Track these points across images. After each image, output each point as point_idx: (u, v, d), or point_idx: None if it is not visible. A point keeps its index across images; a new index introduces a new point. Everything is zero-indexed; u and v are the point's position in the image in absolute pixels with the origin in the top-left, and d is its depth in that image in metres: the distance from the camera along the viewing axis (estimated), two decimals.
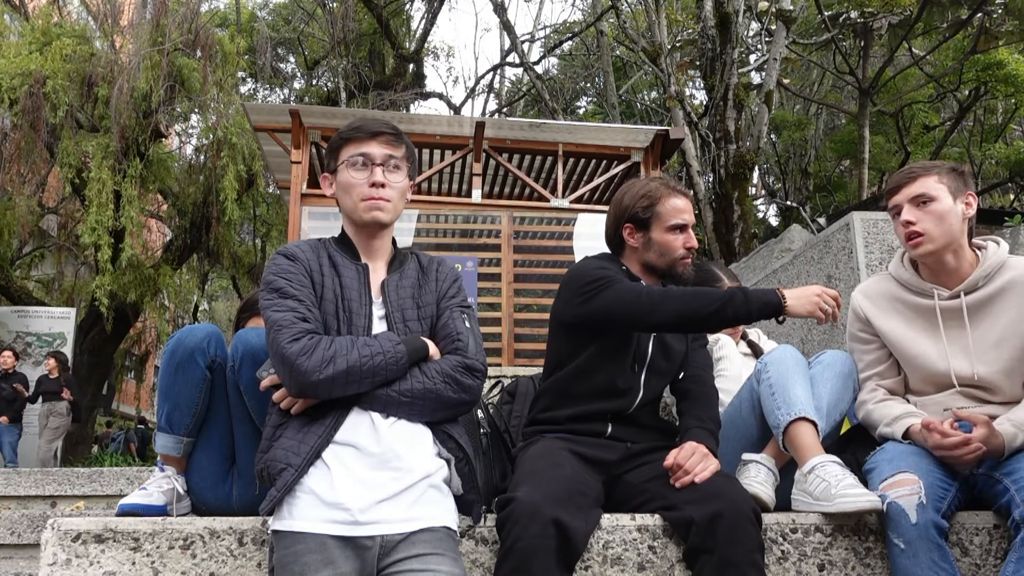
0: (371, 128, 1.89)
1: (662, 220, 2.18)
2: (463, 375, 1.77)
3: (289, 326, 1.67)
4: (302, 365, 1.63)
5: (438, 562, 1.58)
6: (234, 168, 9.47)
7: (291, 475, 1.61)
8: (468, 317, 1.88)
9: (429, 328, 1.85)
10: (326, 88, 15.80)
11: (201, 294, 17.63)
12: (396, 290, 1.86)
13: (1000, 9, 10.59)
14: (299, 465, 1.62)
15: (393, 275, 1.89)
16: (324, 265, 1.83)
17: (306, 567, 1.53)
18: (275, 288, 1.75)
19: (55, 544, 1.72)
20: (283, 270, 1.78)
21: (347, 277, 1.82)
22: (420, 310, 1.86)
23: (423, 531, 1.61)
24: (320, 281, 1.80)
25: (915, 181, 2.14)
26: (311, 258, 1.82)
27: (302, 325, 1.68)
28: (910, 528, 1.77)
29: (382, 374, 1.69)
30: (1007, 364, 2.06)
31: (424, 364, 1.76)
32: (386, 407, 1.70)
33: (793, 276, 4.35)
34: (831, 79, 14.93)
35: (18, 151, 8.99)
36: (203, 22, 10.42)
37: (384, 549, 1.59)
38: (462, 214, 7.07)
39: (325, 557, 1.54)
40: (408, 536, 1.60)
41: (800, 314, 1.98)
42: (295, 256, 1.81)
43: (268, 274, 1.78)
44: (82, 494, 4.53)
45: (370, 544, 1.58)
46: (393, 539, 1.59)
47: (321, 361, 1.64)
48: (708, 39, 9.25)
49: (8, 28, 10.89)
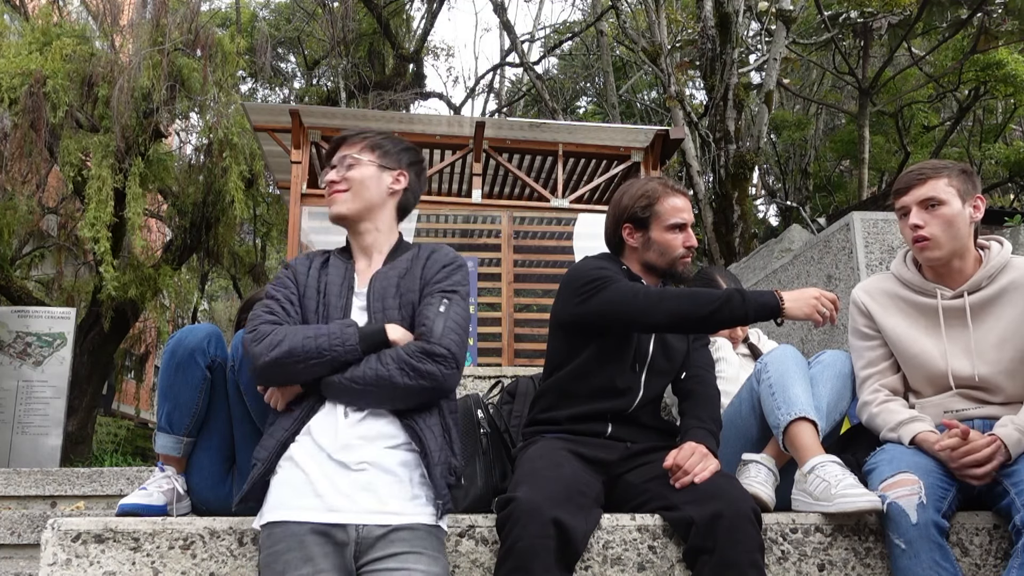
0: (339, 139, 2.00)
1: (661, 219, 2.18)
2: (420, 360, 1.70)
3: (253, 319, 1.79)
4: (251, 349, 1.72)
5: (416, 560, 1.58)
6: (236, 168, 9.46)
7: (258, 470, 1.66)
8: (450, 302, 1.81)
9: (410, 316, 1.82)
10: (326, 88, 15.79)
11: (201, 294, 17.63)
12: (381, 281, 1.87)
13: (1000, 9, 10.59)
14: (265, 459, 1.67)
15: (385, 267, 1.91)
16: (314, 267, 1.91)
17: (287, 565, 1.54)
18: (267, 295, 1.87)
19: (55, 544, 1.72)
20: (277, 279, 1.90)
21: (333, 275, 1.88)
22: (401, 298, 1.83)
23: (401, 529, 1.61)
24: (304, 281, 1.87)
25: (925, 183, 2.11)
26: (302, 262, 1.93)
27: (265, 317, 1.78)
28: (911, 528, 1.77)
29: (327, 355, 1.69)
30: (1009, 364, 2.05)
31: (383, 351, 1.73)
32: (340, 395, 1.71)
33: (793, 276, 4.35)
34: (831, 79, 14.92)
35: (18, 151, 8.97)
36: (203, 22, 10.41)
37: (360, 545, 1.59)
38: (462, 214, 7.07)
39: (304, 554, 1.55)
40: (386, 534, 1.59)
41: (797, 317, 1.99)
42: (288, 264, 1.93)
43: (268, 285, 1.92)
44: (82, 494, 4.52)
45: (345, 539, 1.58)
46: (370, 534, 1.59)
47: (269, 345, 1.70)
48: (708, 39, 9.24)
49: (8, 28, 10.88)
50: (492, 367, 5.96)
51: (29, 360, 8.82)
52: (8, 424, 8.48)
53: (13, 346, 8.79)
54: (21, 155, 9.06)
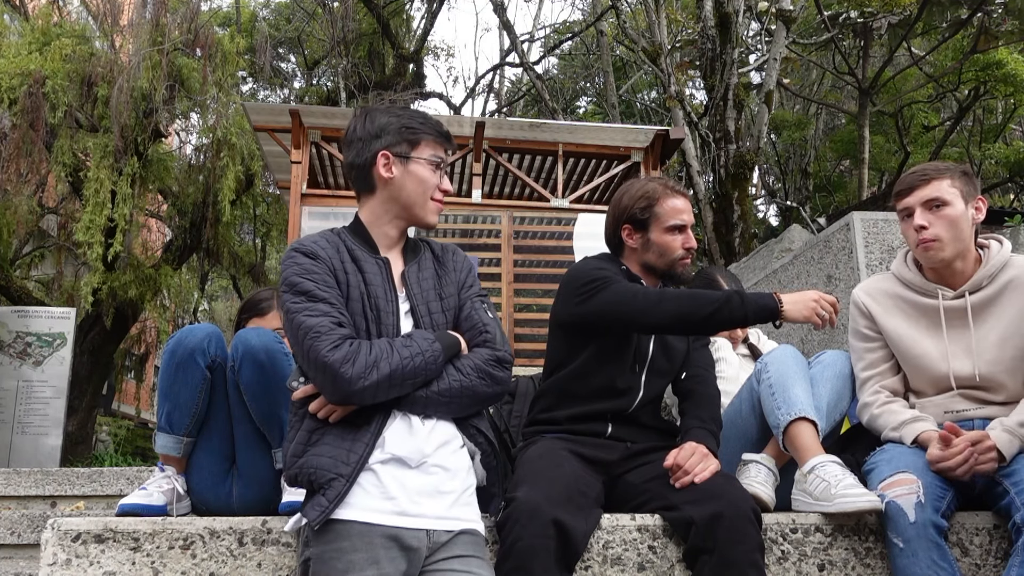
0: (444, 131, 1.87)
1: (660, 221, 2.18)
2: (495, 368, 1.75)
3: (327, 332, 1.60)
4: (346, 373, 1.57)
5: (479, 566, 1.60)
6: (233, 168, 9.46)
7: (342, 485, 1.56)
8: (489, 307, 1.85)
9: (452, 320, 1.82)
10: (326, 88, 15.79)
11: (201, 294, 17.62)
12: (418, 282, 1.81)
13: (1000, 9, 10.59)
14: (349, 475, 1.58)
15: (411, 266, 1.84)
16: (346, 262, 1.75)
17: (351, 565, 1.50)
18: (302, 291, 1.66)
19: (55, 544, 1.72)
20: (307, 270, 1.69)
21: (370, 273, 1.76)
22: (443, 302, 1.82)
23: (464, 533, 1.63)
24: (345, 280, 1.72)
25: (928, 184, 2.11)
26: (332, 255, 1.74)
27: (340, 331, 1.62)
28: (908, 527, 1.77)
29: (423, 375, 1.66)
30: (1010, 363, 2.05)
31: (457, 360, 1.73)
32: (425, 408, 1.68)
33: (793, 276, 4.35)
34: (831, 79, 14.92)
35: (17, 151, 8.98)
36: (203, 22, 10.41)
37: (431, 550, 1.59)
38: (462, 214, 7.07)
39: (371, 556, 1.51)
40: (453, 538, 1.61)
41: (796, 319, 1.99)
42: (316, 254, 1.72)
43: (291, 275, 1.69)
44: (82, 494, 4.52)
45: (417, 544, 1.56)
46: (439, 539, 1.59)
47: (365, 367, 1.59)
48: (708, 39, 9.24)
49: (8, 28, 10.89)
50: None
51: (29, 360, 8.82)
52: (8, 424, 8.48)
53: (13, 346, 8.79)
54: (20, 155, 9.06)
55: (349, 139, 1.85)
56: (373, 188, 1.82)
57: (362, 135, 1.83)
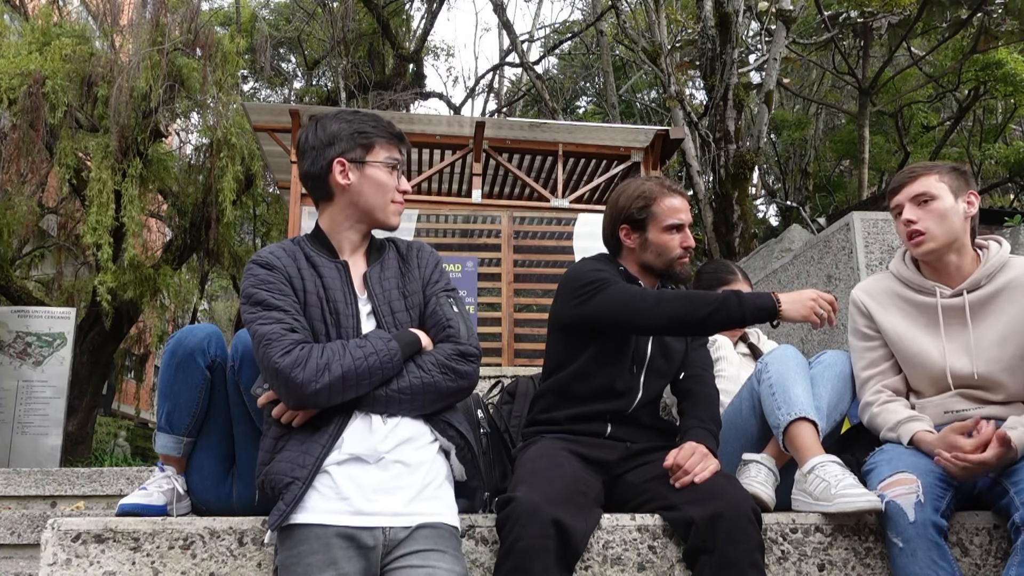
0: (397, 132, 1.87)
1: (658, 220, 2.18)
2: (459, 362, 1.74)
3: (278, 339, 1.63)
4: (297, 377, 1.60)
5: (438, 559, 1.57)
6: (232, 169, 9.47)
7: (299, 488, 1.58)
8: (455, 301, 1.85)
9: (417, 317, 1.82)
10: (326, 88, 15.80)
11: (201, 294, 17.62)
12: (380, 283, 1.82)
13: (1000, 9, 10.59)
14: (305, 477, 1.60)
15: (374, 267, 1.85)
16: (303, 268, 1.78)
17: (309, 568, 1.52)
18: (257, 301, 1.70)
19: (55, 544, 1.72)
20: (262, 280, 1.72)
21: (328, 277, 1.78)
22: (407, 299, 1.82)
23: (424, 527, 1.61)
24: (301, 286, 1.75)
25: (916, 180, 2.15)
26: (288, 264, 1.77)
27: (291, 336, 1.65)
28: (908, 527, 1.78)
29: (378, 374, 1.66)
30: (1010, 362, 2.05)
31: (418, 357, 1.73)
32: (387, 406, 1.69)
33: (793, 276, 4.35)
34: (831, 79, 14.92)
35: (17, 151, 8.98)
36: (203, 21, 10.41)
37: (387, 548, 1.58)
38: (462, 214, 7.07)
39: (328, 557, 1.53)
40: (410, 533, 1.59)
41: (795, 318, 1.99)
42: (271, 264, 1.75)
43: (247, 286, 1.73)
44: (82, 494, 4.52)
45: (373, 543, 1.57)
46: (396, 536, 1.58)
47: (316, 371, 1.61)
48: (708, 39, 9.24)
49: (8, 28, 10.88)
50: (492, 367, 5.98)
51: (29, 360, 8.82)
52: (8, 424, 8.48)
53: (13, 346, 8.79)
54: (20, 155, 9.06)
55: (302, 149, 1.86)
56: (331, 196, 1.84)
57: (315, 144, 1.83)
